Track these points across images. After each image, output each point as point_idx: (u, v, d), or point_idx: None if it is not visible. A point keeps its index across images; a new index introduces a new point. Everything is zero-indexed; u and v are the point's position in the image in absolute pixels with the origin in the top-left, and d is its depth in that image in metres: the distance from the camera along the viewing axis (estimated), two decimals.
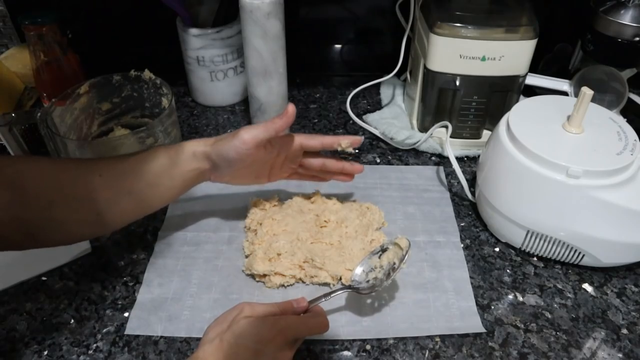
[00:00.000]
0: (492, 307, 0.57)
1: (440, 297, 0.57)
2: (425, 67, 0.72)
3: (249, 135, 0.53)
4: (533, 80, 0.79)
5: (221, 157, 0.54)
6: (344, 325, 0.54)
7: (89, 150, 0.64)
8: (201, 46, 0.81)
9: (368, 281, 0.54)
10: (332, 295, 0.52)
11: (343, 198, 0.68)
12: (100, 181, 0.49)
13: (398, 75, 0.82)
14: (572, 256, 0.59)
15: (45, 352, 0.52)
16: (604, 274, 0.61)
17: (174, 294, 0.57)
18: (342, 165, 0.62)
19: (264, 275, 0.58)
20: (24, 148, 0.66)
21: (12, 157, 0.50)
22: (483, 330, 0.54)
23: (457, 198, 0.71)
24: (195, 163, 0.54)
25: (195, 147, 0.54)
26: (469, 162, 0.77)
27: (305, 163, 0.61)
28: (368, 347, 0.52)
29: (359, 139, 0.60)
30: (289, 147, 0.59)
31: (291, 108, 0.54)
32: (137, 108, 0.76)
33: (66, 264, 0.60)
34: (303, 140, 0.58)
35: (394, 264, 0.54)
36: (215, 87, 0.86)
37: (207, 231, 0.64)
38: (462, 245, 0.63)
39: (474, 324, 0.54)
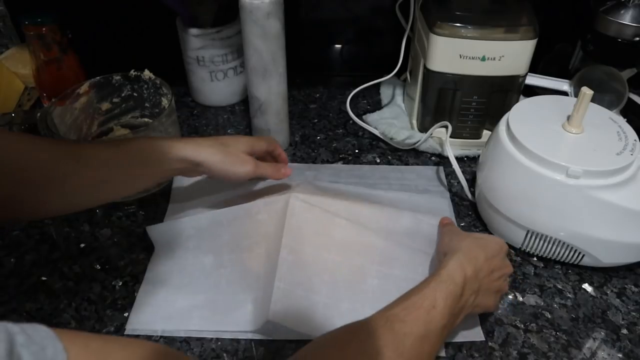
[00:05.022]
0: None
1: None
2: (425, 67, 0.72)
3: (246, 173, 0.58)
4: (533, 80, 0.79)
5: (210, 172, 0.57)
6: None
7: None
8: (201, 46, 0.81)
9: None
10: None
11: None
12: (77, 167, 0.48)
13: (398, 75, 0.81)
14: (572, 256, 0.59)
15: None
16: (604, 274, 0.61)
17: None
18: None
19: None
20: None
21: None
22: (482, 338, 0.53)
23: (457, 198, 0.71)
24: (180, 165, 0.54)
25: (185, 153, 0.54)
26: (469, 162, 0.77)
27: None
28: None
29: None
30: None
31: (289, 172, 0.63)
32: (137, 108, 0.76)
33: (66, 264, 0.60)
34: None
35: None
36: (215, 87, 0.86)
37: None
38: None
39: (473, 332, 0.54)
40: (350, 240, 0.58)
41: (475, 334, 0.54)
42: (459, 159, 0.72)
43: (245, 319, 0.54)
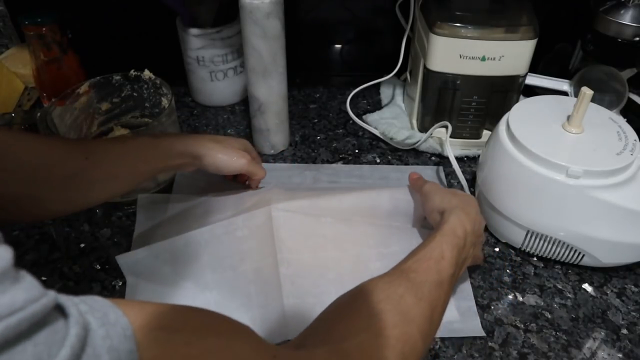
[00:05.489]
0: (492, 307, 0.57)
1: None
2: (425, 67, 0.72)
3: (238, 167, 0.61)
4: (533, 80, 0.79)
5: (207, 164, 0.59)
6: None
7: None
8: (201, 46, 0.81)
9: None
10: None
11: None
12: (87, 163, 0.50)
13: (398, 75, 0.81)
14: (572, 256, 0.59)
15: None
16: (604, 274, 0.61)
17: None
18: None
19: None
20: None
21: None
22: (483, 334, 0.54)
23: None
24: (181, 159, 0.58)
25: (186, 147, 0.57)
26: (469, 162, 0.77)
27: None
28: None
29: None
30: None
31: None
32: (137, 108, 0.76)
33: (66, 264, 0.60)
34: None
35: None
36: (215, 87, 0.86)
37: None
38: None
39: (473, 327, 0.54)
40: (342, 234, 0.59)
41: (476, 330, 0.54)
42: (459, 159, 0.72)
43: None
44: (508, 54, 0.67)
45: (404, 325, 0.38)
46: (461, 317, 0.55)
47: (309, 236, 0.58)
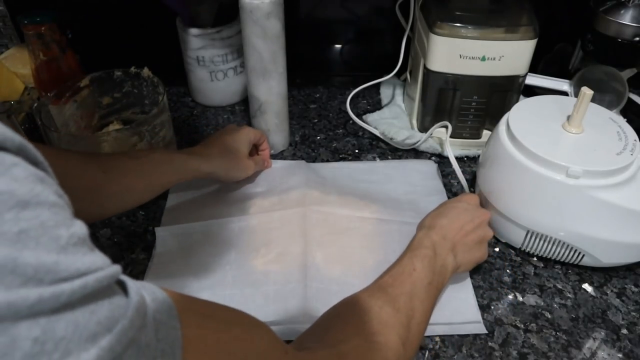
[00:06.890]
0: (492, 307, 0.57)
1: (440, 297, 0.57)
2: (425, 67, 0.72)
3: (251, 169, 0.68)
4: (533, 80, 0.79)
5: (219, 179, 0.66)
6: None
7: (80, 144, 0.64)
8: (201, 46, 0.81)
9: None
10: None
11: None
12: (104, 177, 0.52)
13: (398, 75, 0.81)
14: (572, 256, 0.59)
15: None
16: (604, 274, 0.61)
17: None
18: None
19: None
20: (23, 136, 0.66)
21: None
22: (484, 331, 0.54)
23: None
24: (194, 174, 0.62)
25: (199, 165, 0.61)
26: (469, 162, 0.77)
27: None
28: None
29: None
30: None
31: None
32: (137, 104, 0.77)
33: None
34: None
35: None
36: (215, 87, 0.86)
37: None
38: None
39: (475, 325, 0.54)
40: (369, 237, 0.63)
41: (477, 328, 0.54)
42: (459, 159, 0.72)
43: (257, 312, 0.54)
44: (508, 54, 0.67)
45: (386, 333, 0.43)
46: (462, 317, 0.55)
47: (338, 235, 0.62)
